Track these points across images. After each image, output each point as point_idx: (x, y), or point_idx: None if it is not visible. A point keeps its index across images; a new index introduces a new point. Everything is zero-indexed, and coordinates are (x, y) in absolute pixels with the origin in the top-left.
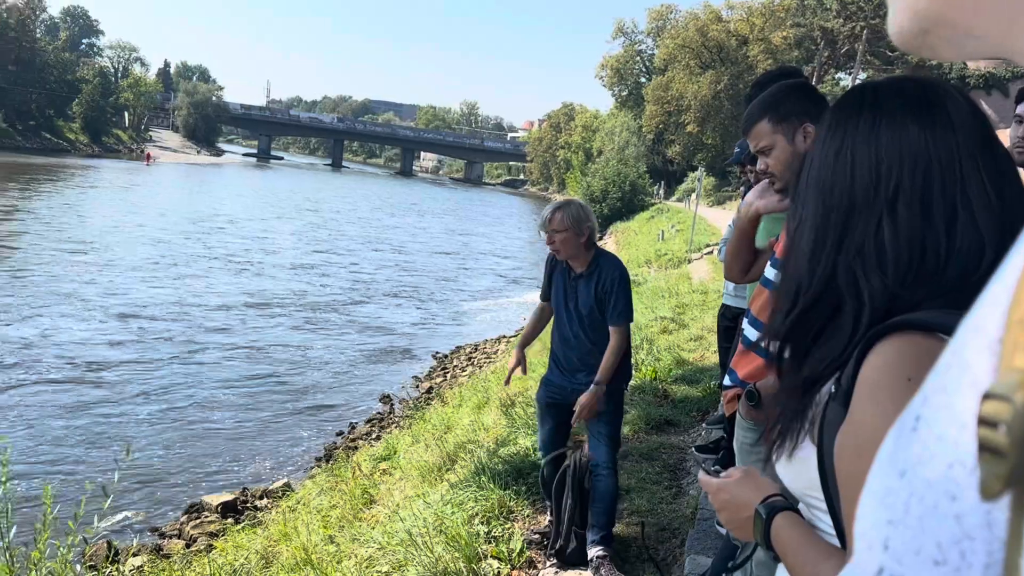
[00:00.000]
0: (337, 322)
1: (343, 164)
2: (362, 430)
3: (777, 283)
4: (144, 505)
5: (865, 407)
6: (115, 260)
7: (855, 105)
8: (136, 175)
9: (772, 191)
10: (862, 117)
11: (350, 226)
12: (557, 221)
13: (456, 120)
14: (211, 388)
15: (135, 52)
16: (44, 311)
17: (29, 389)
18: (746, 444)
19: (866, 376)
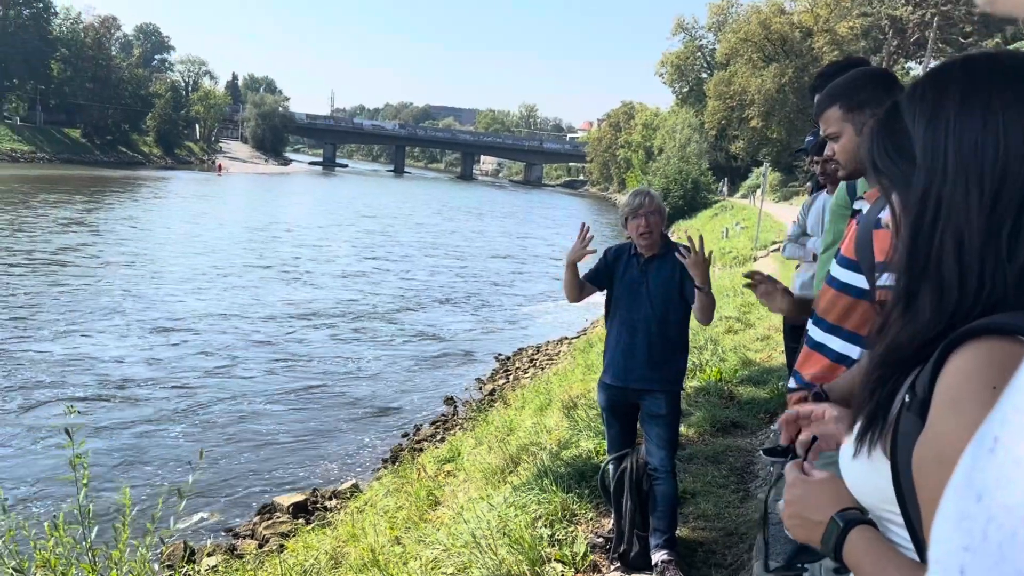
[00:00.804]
0: (399, 327)
1: (405, 170)
2: (426, 432)
3: (891, 283)
4: (219, 506)
5: (947, 418)
6: (178, 271)
7: (992, 77)
8: (207, 186)
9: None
10: (1010, 89)
11: (408, 231)
12: (655, 201)
13: (515, 123)
14: (280, 393)
15: (204, 66)
16: (113, 321)
17: (106, 398)
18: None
19: (946, 385)
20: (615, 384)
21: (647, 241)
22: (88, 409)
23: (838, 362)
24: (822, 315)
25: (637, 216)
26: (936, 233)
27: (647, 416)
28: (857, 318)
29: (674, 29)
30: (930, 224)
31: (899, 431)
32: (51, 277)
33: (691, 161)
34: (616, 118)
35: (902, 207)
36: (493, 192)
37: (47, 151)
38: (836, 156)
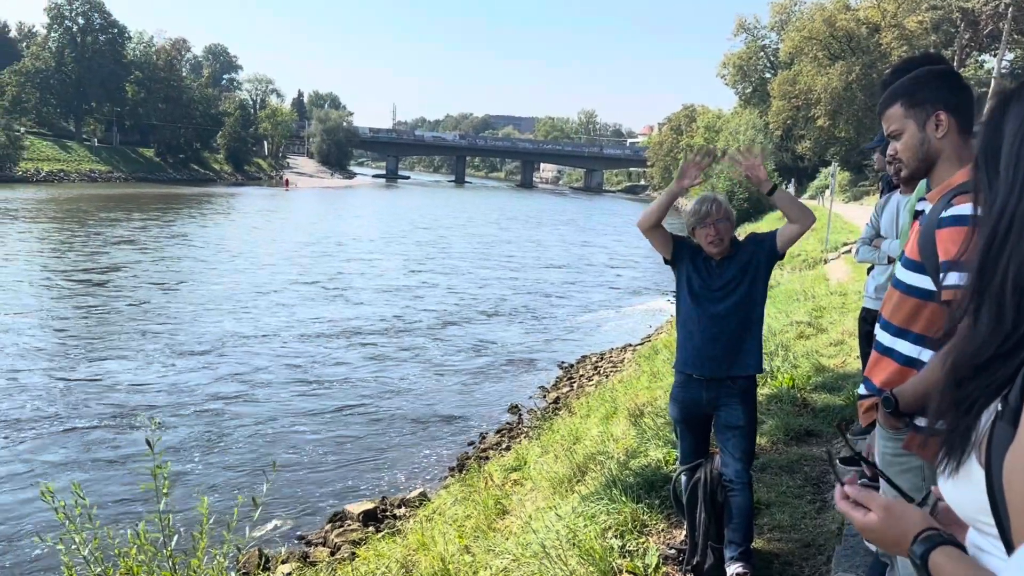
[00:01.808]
0: (461, 337)
1: (466, 179)
2: (492, 440)
3: (961, 284)
4: (291, 514)
5: None
6: (249, 285)
7: None
8: (274, 200)
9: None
10: None
11: (465, 241)
12: (723, 207)
13: (574, 130)
14: (347, 403)
15: (271, 84)
16: (185, 334)
17: (183, 411)
18: (887, 454)
19: None
20: (691, 395)
21: (718, 249)
22: (166, 421)
23: (907, 366)
24: (889, 319)
25: (705, 225)
26: (1004, 252)
27: (722, 427)
28: (924, 320)
29: (736, 30)
30: (1000, 241)
31: (993, 441)
32: (124, 292)
33: None
34: (677, 121)
35: (984, 214)
36: (553, 199)
37: (123, 170)
38: (899, 155)
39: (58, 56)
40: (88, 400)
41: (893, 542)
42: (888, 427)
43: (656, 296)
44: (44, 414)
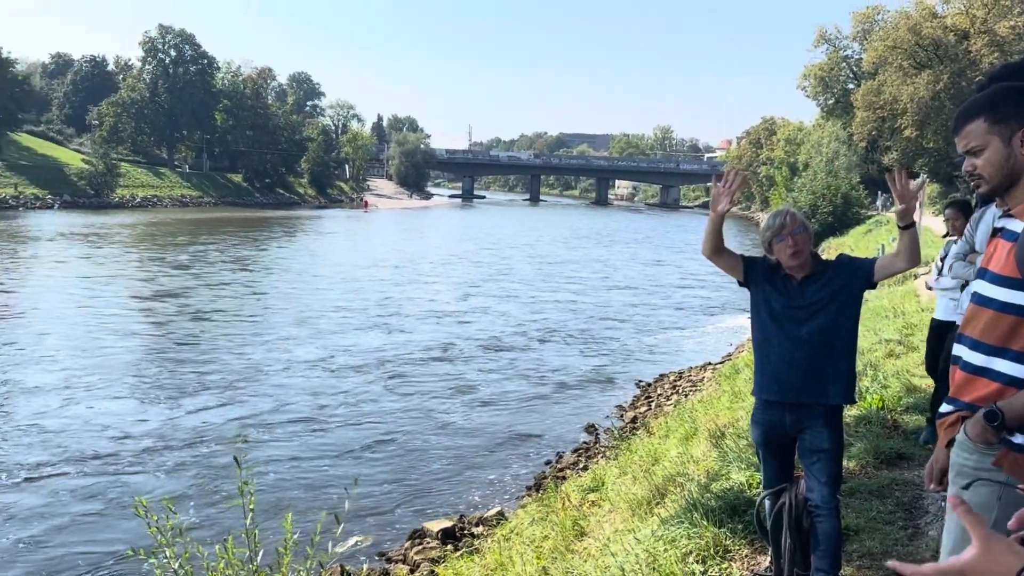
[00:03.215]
0: (536, 355)
1: (540, 198)
2: (569, 460)
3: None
4: (371, 531)
5: None
6: (328, 307)
7: None
8: (354, 222)
9: None
10: None
11: (538, 261)
12: (798, 218)
13: (649, 146)
14: (423, 420)
15: (352, 109)
16: (269, 353)
17: (266, 427)
18: (967, 466)
19: None
20: (774, 418)
21: (797, 261)
22: (253, 439)
23: (1009, 385)
24: (980, 338)
25: (782, 237)
26: None
27: (807, 450)
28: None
29: (816, 41)
30: None
31: None
32: (210, 313)
33: (840, 175)
34: (756, 134)
35: None
36: (627, 217)
37: (213, 195)
38: (979, 171)
39: (152, 87)
40: (177, 417)
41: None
42: (983, 441)
43: (736, 314)
44: (136, 431)
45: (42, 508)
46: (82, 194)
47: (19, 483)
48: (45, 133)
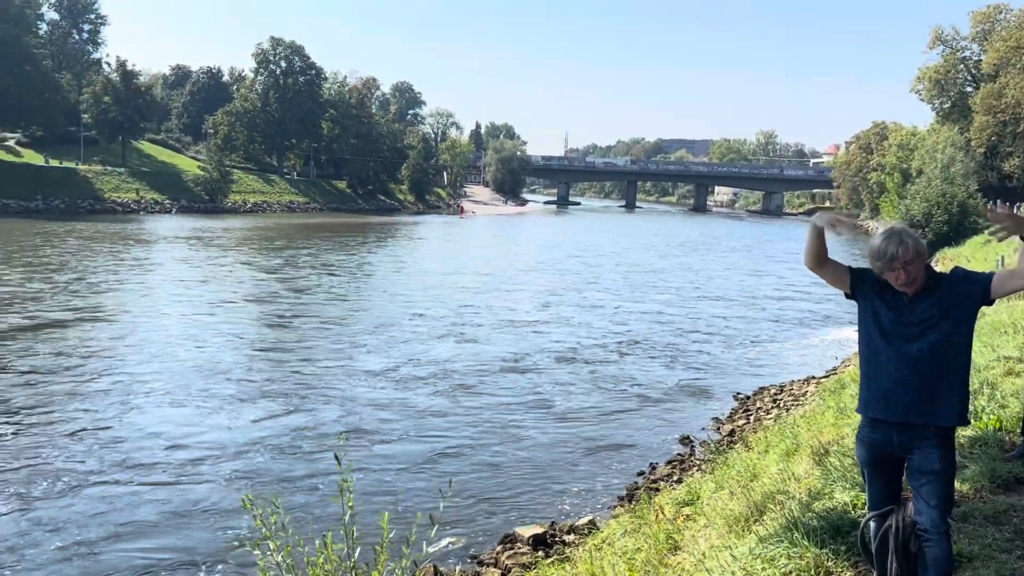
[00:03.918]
0: (630, 362)
1: (636, 204)
2: (663, 471)
3: None
4: (464, 533)
5: None
6: (419, 308)
7: None
8: (448, 228)
9: None
10: None
11: (638, 267)
12: (911, 250)
13: (752, 151)
14: (516, 426)
15: (451, 117)
16: (366, 355)
17: (366, 427)
18: None
19: None
20: (881, 436)
21: (910, 289)
22: (352, 438)
23: None
24: None
25: (893, 269)
26: None
27: (916, 471)
28: None
29: (931, 42)
30: None
31: None
32: (315, 315)
33: (956, 183)
34: (867, 139)
35: None
36: (726, 224)
37: (318, 201)
38: None
39: (263, 97)
40: (281, 415)
41: None
42: None
43: (842, 326)
44: (243, 428)
45: (147, 501)
46: (198, 199)
47: (125, 479)
48: (165, 141)
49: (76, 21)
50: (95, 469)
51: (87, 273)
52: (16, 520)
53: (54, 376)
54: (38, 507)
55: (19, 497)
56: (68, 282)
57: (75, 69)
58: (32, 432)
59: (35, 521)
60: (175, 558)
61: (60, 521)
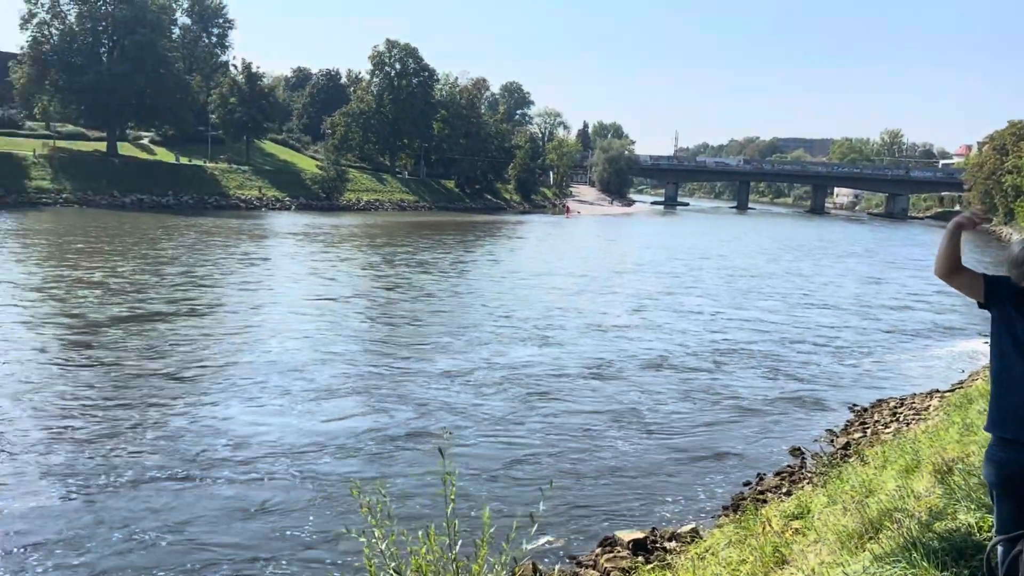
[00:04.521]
0: (732, 368)
1: (749, 206)
2: (770, 482)
3: None
4: (563, 533)
5: None
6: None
7: None
8: (552, 228)
9: None
10: None
11: (745, 272)
12: None
13: (875, 151)
14: (621, 429)
15: (559, 117)
16: (473, 349)
17: (470, 423)
18: None
19: None
20: (1014, 455)
21: None
22: (457, 432)
23: None
24: None
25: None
26: None
27: None
28: None
29: None
30: None
31: None
32: (422, 309)
33: None
34: (1002, 140)
35: None
36: (845, 227)
37: (427, 200)
38: None
39: (378, 98)
40: (390, 406)
41: None
42: None
43: (971, 338)
44: (352, 418)
45: (247, 491)
46: (315, 197)
47: (221, 470)
48: (285, 141)
49: (206, 25)
50: (193, 458)
51: (195, 266)
52: (131, 507)
53: (151, 365)
54: (145, 496)
55: (131, 485)
56: (175, 275)
57: (204, 71)
58: (141, 421)
59: (145, 509)
60: (279, 546)
61: (165, 509)
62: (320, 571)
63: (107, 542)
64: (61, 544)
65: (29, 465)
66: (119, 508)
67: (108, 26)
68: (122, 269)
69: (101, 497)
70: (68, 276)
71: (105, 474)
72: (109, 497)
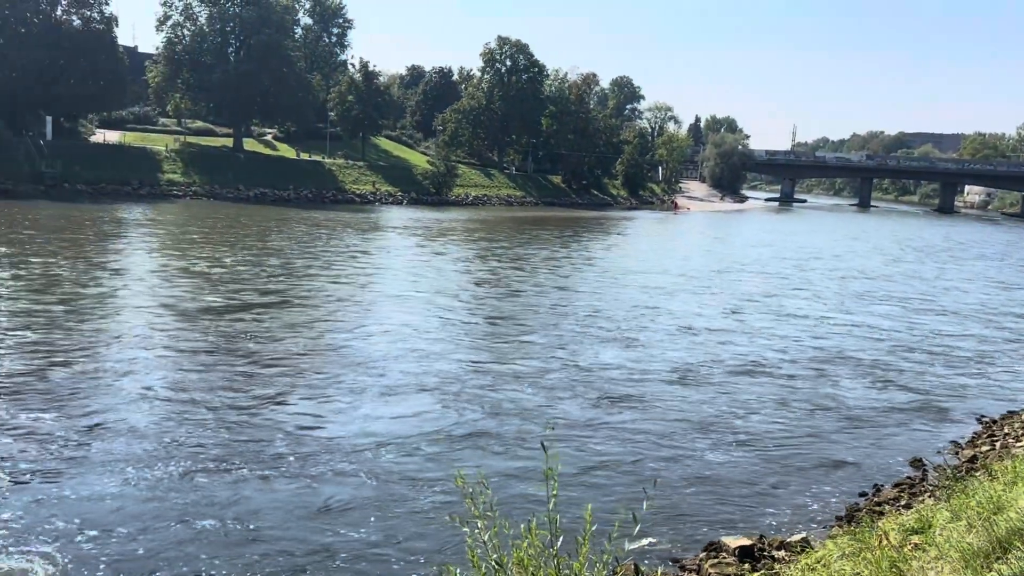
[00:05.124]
0: (849, 372)
1: (871, 203)
2: (888, 494)
3: None
4: (666, 534)
5: None
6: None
7: None
8: (658, 224)
9: None
10: None
11: (860, 274)
12: None
13: (1011, 147)
14: (729, 431)
15: (670, 111)
16: (601, 342)
17: (572, 421)
18: None
19: None
20: None
21: None
22: (560, 428)
23: None
24: None
25: None
26: None
27: None
28: None
29: None
30: None
31: None
32: (526, 301)
33: None
34: None
35: None
36: (977, 228)
37: (533, 195)
38: None
39: (488, 95)
40: (465, 404)
41: None
42: None
43: None
44: (429, 415)
45: (349, 480)
46: (425, 192)
47: (324, 460)
48: (399, 137)
49: (326, 25)
50: (295, 452)
51: (294, 258)
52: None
53: (250, 348)
54: (223, 487)
55: (257, 474)
56: (274, 266)
57: (324, 70)
58: (225, 409)
59: (225, 500)
60: (380, 537)
61: (231, 503)
62: (410, 566)
63: (222, 532)
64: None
65: (96, 452)
66: (206, 497)
67: (236, 27)
68: (227, 260)
69: (202, 482)
70: (170, 265)
71: (210, 460)
72: (214, 483)
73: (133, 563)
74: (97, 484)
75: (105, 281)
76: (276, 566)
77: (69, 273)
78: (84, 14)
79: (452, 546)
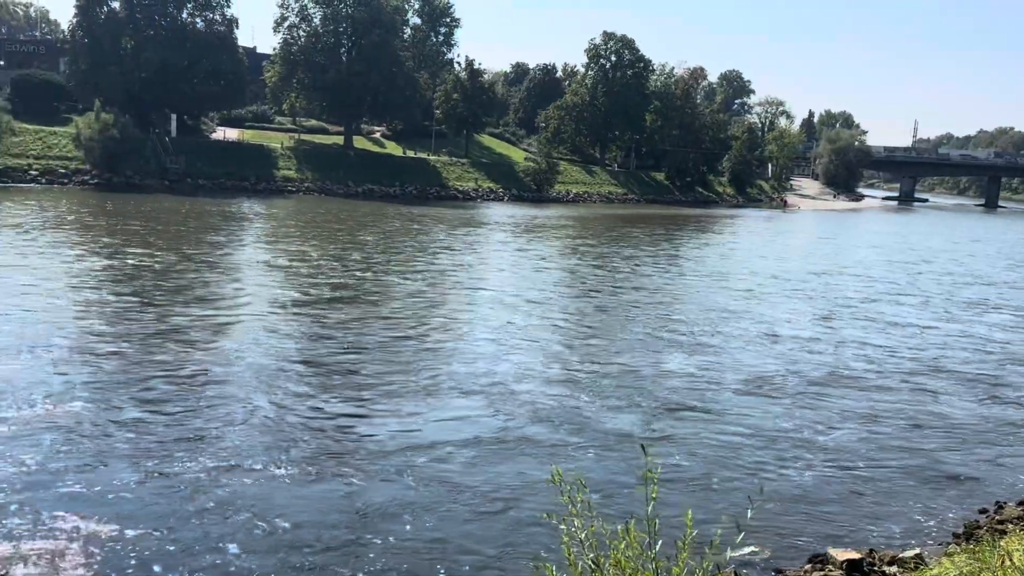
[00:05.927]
0: (954, 386)
1: (998, 204)
2: (1012, 512)
3: None
4: (769, 543)
5: None
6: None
7: None
8: (764, 223)
9: None
10: None
11: (975, 279)
12: None
13: None
14: (840, 438)
15: (782, 105)
16: (684, 346)
17: (679, 419)
18: None
19: None
20: None
21: None
22: (660, 429)
23: None
24: None
25: None
26: None
27: None
28: None
29: None
30: None
31: None
32: (621, 302)
33: None
34: None
35: None
36: None
37: (635, 192)
38: None
39: (592, 91)
40: (592, 396)
41: None
42: None
43: None
44: (515, 411)
45: (452, 479)
46: (526, 189)
47: (417, 458)
48: (502, 134)
49: (434, 24)
50: (383, 449)
51: (379, 251)
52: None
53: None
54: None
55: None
56: (361, 259)
57: (431, 69)
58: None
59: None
60: (471, 531)
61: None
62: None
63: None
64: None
65: (150, 443)
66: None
67: (348, 27)
68: (315, 253)
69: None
70: (256, 259)
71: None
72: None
73: (192, 557)
74: (140, 474)
75: (239, 268)
76: (383, 553)
77: (190, 262)
78: (207, 16)
79: (538, 547)
